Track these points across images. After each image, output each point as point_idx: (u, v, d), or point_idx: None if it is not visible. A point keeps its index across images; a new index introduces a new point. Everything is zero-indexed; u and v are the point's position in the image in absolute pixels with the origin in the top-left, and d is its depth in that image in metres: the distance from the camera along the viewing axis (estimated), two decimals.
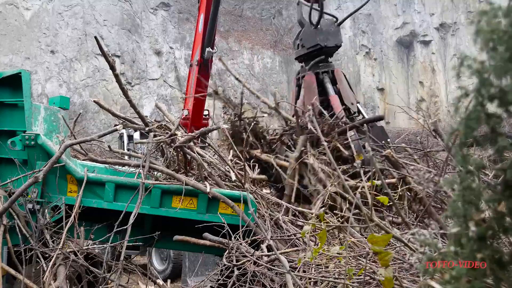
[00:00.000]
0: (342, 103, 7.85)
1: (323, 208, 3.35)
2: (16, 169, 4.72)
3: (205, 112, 11.60)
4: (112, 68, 4.99)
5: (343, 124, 6.69)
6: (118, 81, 5.22)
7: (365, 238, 3.71)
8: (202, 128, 5.28)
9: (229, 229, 4.10)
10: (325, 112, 7.03)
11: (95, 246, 4.43)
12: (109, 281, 4.36)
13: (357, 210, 3.26)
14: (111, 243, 4.36)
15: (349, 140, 6.40)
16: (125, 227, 4.21)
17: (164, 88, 22.62)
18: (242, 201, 4.44)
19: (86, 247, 4.35)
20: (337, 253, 2.66)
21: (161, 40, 23.74)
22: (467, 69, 1.21)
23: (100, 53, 21.38)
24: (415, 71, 29.36)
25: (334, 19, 8.76)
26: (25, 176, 4.60)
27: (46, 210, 4.58)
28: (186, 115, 10.26)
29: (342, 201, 4.60)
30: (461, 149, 1.22)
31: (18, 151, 4.74)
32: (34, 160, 4.72)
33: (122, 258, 4.17)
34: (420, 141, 15.85)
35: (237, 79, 7.77)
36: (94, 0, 21.90)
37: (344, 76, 8.51)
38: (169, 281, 5.22)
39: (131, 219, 4.22)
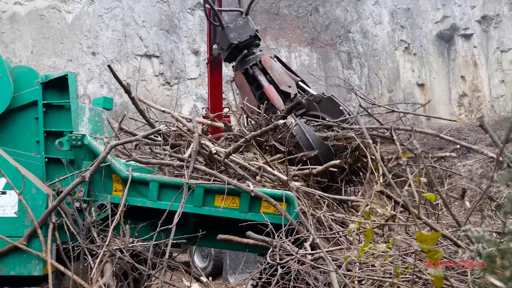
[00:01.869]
0: (279, 90, 7.18)
1: (368, 206, 3.33)
2: (63, 168, 4.87)
3: (226, 109, 11.19)
4: (128, 92, 5.08)
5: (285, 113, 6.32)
6: (135, 103, 5.35)
7: (410, 236, 3.68)
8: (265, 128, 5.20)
9: (272, 228, 4.11)
10: (258, 110, 6.55)
11: (141, 244, 4.51)
12: (154, 278, 4.44)
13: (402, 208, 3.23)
14: (153, 241, 4.43)
15: (290, 128, 6.05)
16: (169, 226, 4.28)
17: (202, 87, 22.78)
18: (284, 199, 4.45)
19: (132, 245, 4.43)
20: (383, 251, 2.64)
21: (198, 39, 23.91)
22: None
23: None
24: (456, 65, 28.69)
25: (239, 12, 7.86)
26: (72, 175, 4.74)
27: (93, 209, 4.70)
28: (205, 114, 10.05)
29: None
30: None
31: (66, 151, 4.88)
32: (81, 159, 4.85)
33: (167, 256, 4.24)
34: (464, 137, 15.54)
35: (141, 100, 6.45)
36: (133, 2, 22.23)
37: (278, 59, 7.86)
38: (210, 278, 5.28)
39: (176, 219, 4.27)
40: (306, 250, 3.81)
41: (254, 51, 7.61)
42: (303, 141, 5.92)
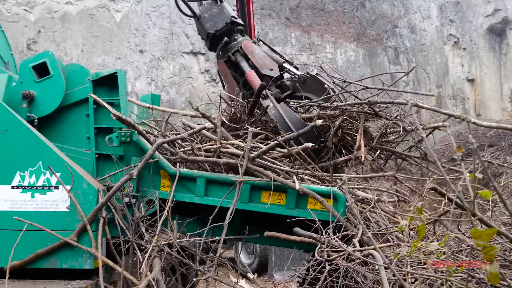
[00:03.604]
0: (261, 75, 6.81)
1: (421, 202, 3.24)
2: (113, 164, 4.97)
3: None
4: None
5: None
6: None
7: (463, 234, 3.58)
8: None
9: (320, 225, 4.08)
10: (233, 97, 6.40)
11: (190, 239, 4.55)
12: (202, 274, 4.47)
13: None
14: (203, 237, 4.47)
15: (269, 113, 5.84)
16: (217, 224, 4.33)
17: None
18: (332, 196, 4.40)
19: (180, 240, 4.48)
20: (436, 249, 2.57)
21: None
22: None
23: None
24: (508, 60, 27.75)
25: (214, 1, 7.47)
26: (122, 171, 4.83)
27: (141, 204, 4.76)
28: None
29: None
30: None
31: (115, 147, 4.98)
32: (130, 155, 4.94)
33: (218, 253, 4.26)
34: None
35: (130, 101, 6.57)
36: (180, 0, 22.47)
37: (261, 42, 7.63)
38: (255, 275, 5.29)
39: (228, 218, 4.30)
40: (354, 247, 3.76)
41: (236, 37, 7.28)
42: (281, 124, 5.80)
